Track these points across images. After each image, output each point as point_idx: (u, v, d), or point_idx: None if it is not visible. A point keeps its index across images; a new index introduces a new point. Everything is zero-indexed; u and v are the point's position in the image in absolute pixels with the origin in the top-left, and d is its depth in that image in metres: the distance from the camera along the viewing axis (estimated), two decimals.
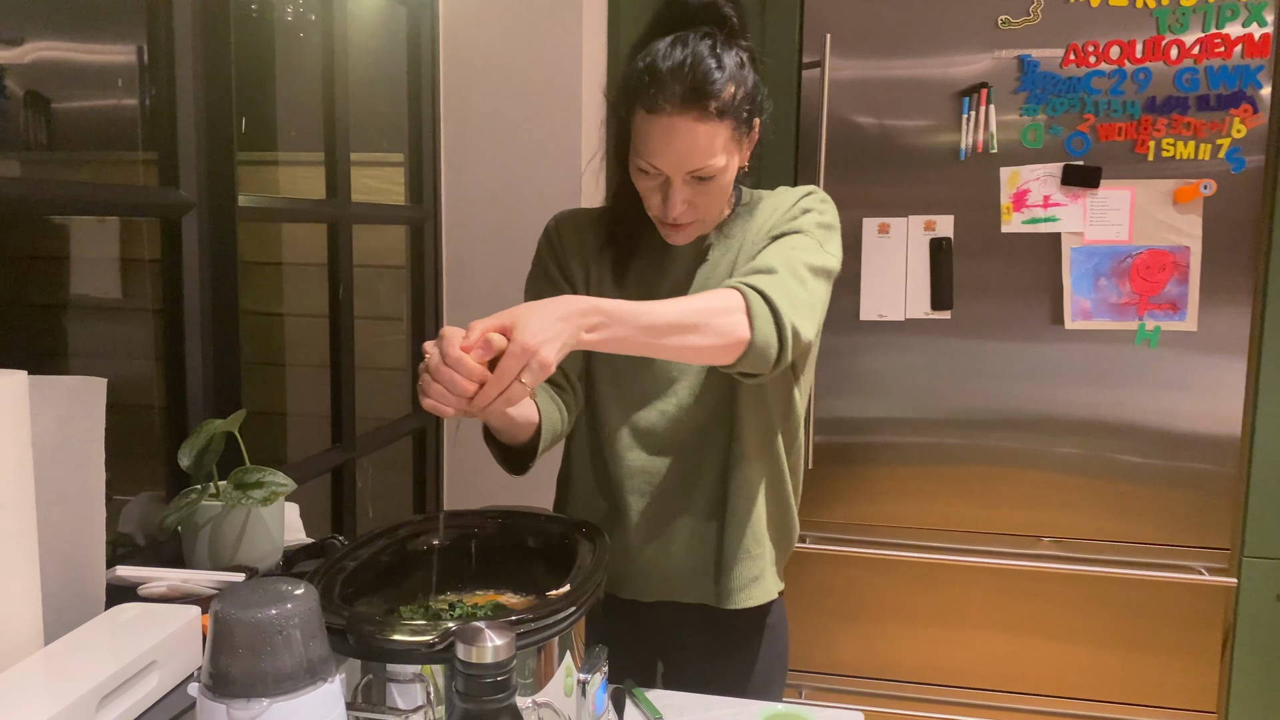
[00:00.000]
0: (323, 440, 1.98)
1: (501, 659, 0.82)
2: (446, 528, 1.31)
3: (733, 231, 1.43)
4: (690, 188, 1.29)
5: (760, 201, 1.45)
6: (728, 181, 1.32)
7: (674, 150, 1.26)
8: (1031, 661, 2.37)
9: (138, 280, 1.66)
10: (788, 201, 1.42)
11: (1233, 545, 2.26)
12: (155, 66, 1.45)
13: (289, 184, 2.16)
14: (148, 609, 1.01)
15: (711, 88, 1.24)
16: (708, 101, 1.24)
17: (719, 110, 1.25)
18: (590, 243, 1.48)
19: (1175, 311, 2.20)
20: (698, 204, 1.32)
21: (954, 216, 2.29)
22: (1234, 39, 2.12)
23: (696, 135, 1.25)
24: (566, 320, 1.07)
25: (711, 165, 1.27)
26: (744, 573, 1.44)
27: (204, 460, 1.27)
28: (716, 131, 1.26)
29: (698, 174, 1.28)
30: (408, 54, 2.26)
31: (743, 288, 1.21)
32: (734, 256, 1.42)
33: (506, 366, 1.03)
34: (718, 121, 1.25)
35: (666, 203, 1.30)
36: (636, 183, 1.34)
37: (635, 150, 1.31)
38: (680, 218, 1.32)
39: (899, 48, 2.29)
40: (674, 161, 1.27)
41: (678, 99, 1.23)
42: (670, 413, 1.42)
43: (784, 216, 1.39)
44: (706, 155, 1.26)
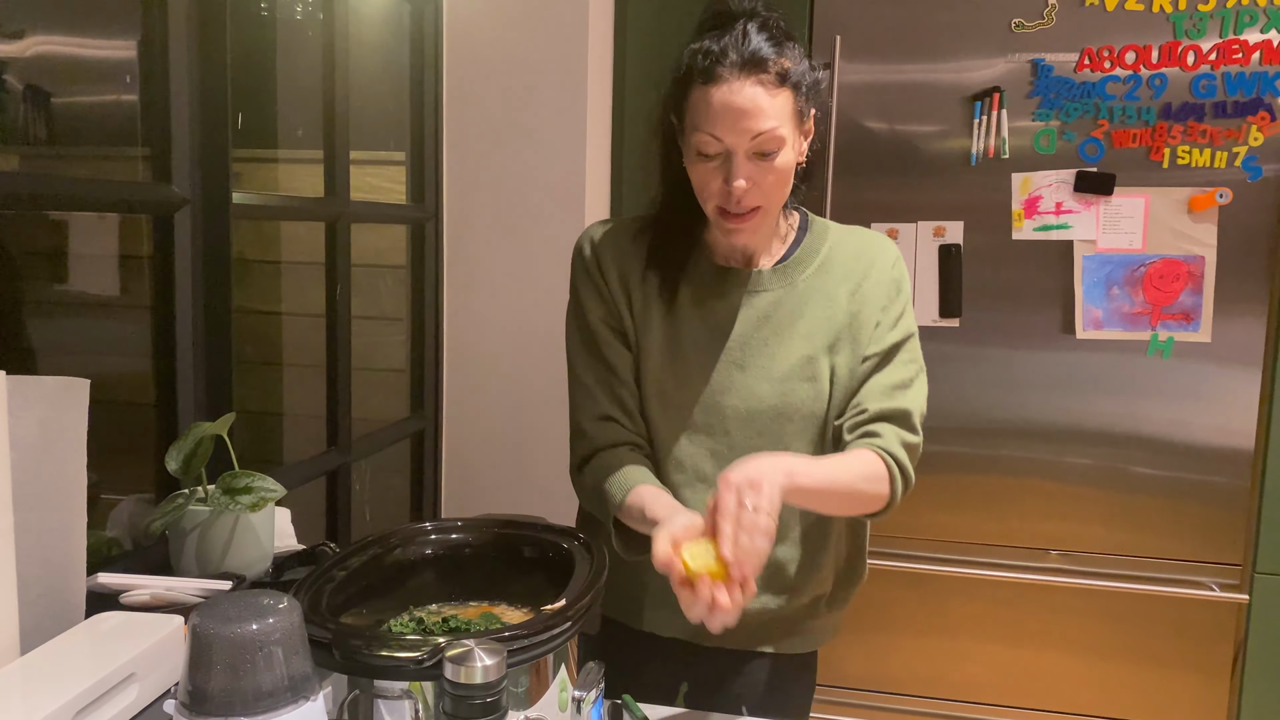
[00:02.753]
0: (318, 443, 1.95)
1: (491, 680, 0.79)
2: (440, 535, 1.28)
3: (799, 276, 1.37)
4: (753, 164, 1.23)
5: (830, 246, 1.39)
6: (788, 166, 1.26)
7: (736, 114, 1.21)
8: (1038, 676, 2.34)
9: (131, 277, 1.63)
10: (885, 282, 1.36)
11: (1244, 561, 2.22)
12: (149, 60, 1.43)
13: (290, 182, 2.13)
14: (129, 618, 0.98)
15: (769, 53, 1.21)
16: (767, 65, 1.21)
17: (779, 75, 1.22)
18: (632, 263, 1.40)
19: (1189, 322, 2.17)
20: (761, 185, 1.24)
21: (964, 222, 2.26)
22: (1252, 45, 2.09)
23: (759, 98, 1.20)
24: (773, 473, 1.12)
25: (775, 134, 1.21)
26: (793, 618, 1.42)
27: (192, 464, 1.24)
28: (776, 97, 1.22)
29: (760, 146, 1.22)
30: (411, 51, 2.23)
31: (889, 460, 1.27)
32: (807, 309, 1.35)
33: (725, 500, 1.09)
34: (778, 87, 1.22)
35: (730, 180, 1.23)
36: (695, 172, 1.28)
37: (694, 128, 1.24)
38: (744, 200, 1.25)
39: (910, 50, 2.25)
40: (737, 127, 1.21)
41: (737, 66, 1.21)
42: (721, 452, 1.36)
43: (888, 304, 1.35)
44: (768, 119, 1.21)
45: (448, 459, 2.39)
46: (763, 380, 1.35)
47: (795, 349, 1.35)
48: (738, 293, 1.37)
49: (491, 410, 2.34)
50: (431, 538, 1.27)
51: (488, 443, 2.35)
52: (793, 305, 1.36)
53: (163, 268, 1.44)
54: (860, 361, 1.34)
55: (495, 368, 2.33)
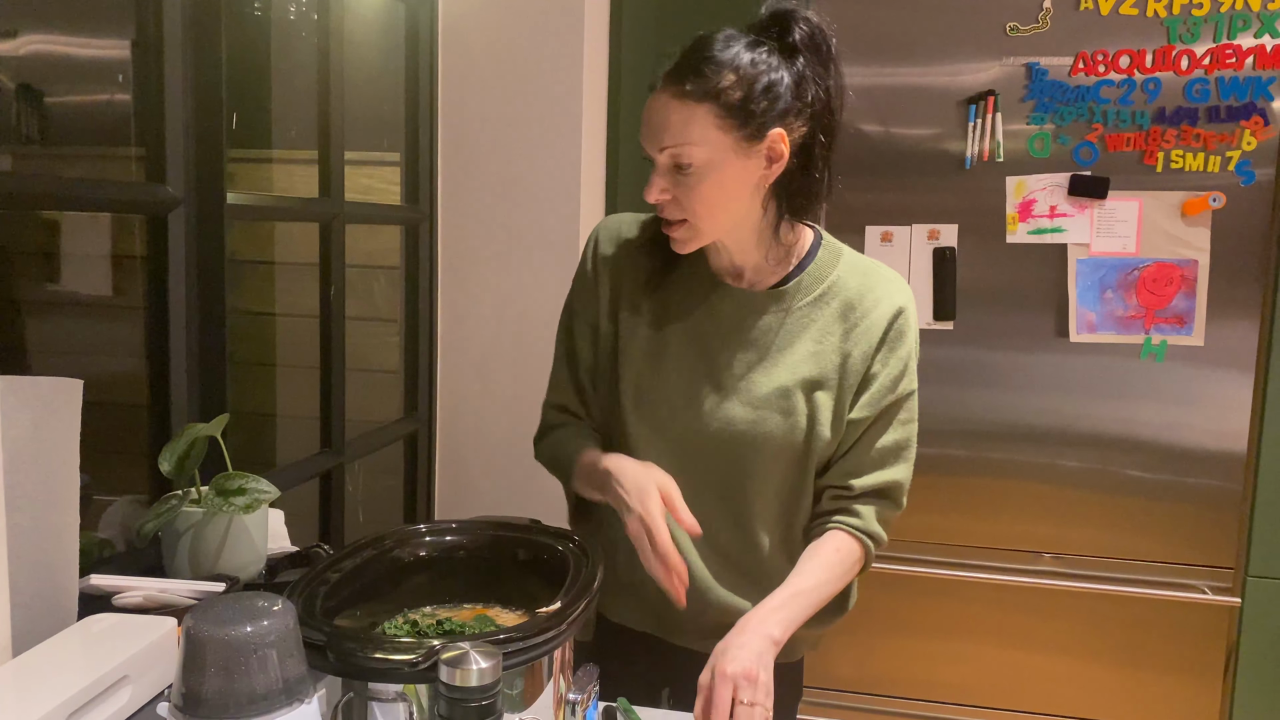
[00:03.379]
0: (312, 444, 1.95)
1: (487, 682, 0.79)
2: (434, 537, 1.27)
3: (796, 303, 1.33)
4: (669, 177, 1.23)
5: (837, 276, 1.34)
6: (719, 184, 1.22)
7: (649, 125, 1.23)
8: (1031, 678, 2.34)
9: (124, 277, 1.62)
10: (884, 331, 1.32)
11: (1237, 564, 2.23)
12: (143, 60, 1.42)
13: (285, 183, 2.13)
14: (122, 620, 0.98)
15: (696, 67, 1.19)
16: (687, 78, 1.19)
17: (698, 93, 1.19)
18: (634, 262, 1.40)
19: (1182, 325, 2.17)
20: (681, 201, 1.23)
21: (958, 226, 2.26)
22: (1245, 50, 2.09)
23: (669, 111, 1.20)
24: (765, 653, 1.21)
25: (686, 150, 1.20)
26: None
27: (185, 465, 1.23)
28: (692, 113, 1.19)
29: (673, 159, 1.21)
30: (406, 52, 2.23)
31: (864, 541, 1.33)
32: (797, 340, 1.33)
33: (720, 696, 1.16)
34: (695, 102, 1.19)
35: (648, 187, 1.24)
36: None
37: None
38: (665, 210, 1.25)
39: (905, 53, 2.25)
40: (649, 136, 1.23)
41: (663, 77, 1.22)
42: (689, 469, 1.35)
43: (887, 358, 1.32)
44: (677, 136, 1.19)
45: (441, 461, 2.38)
46: (737, 405, 1.32)
47: (776, 378, 1.32)
48: (729, 309, 1.35)
49: (485, 412, 2.33)
50: (426, 540, 1.26)
51: (481, 445, 2.34)
52: (783, 333, 1.33)
53: (156, 268, 1.43)
54: (848, 410, 1.32)
55: (489, 369, 2.33)
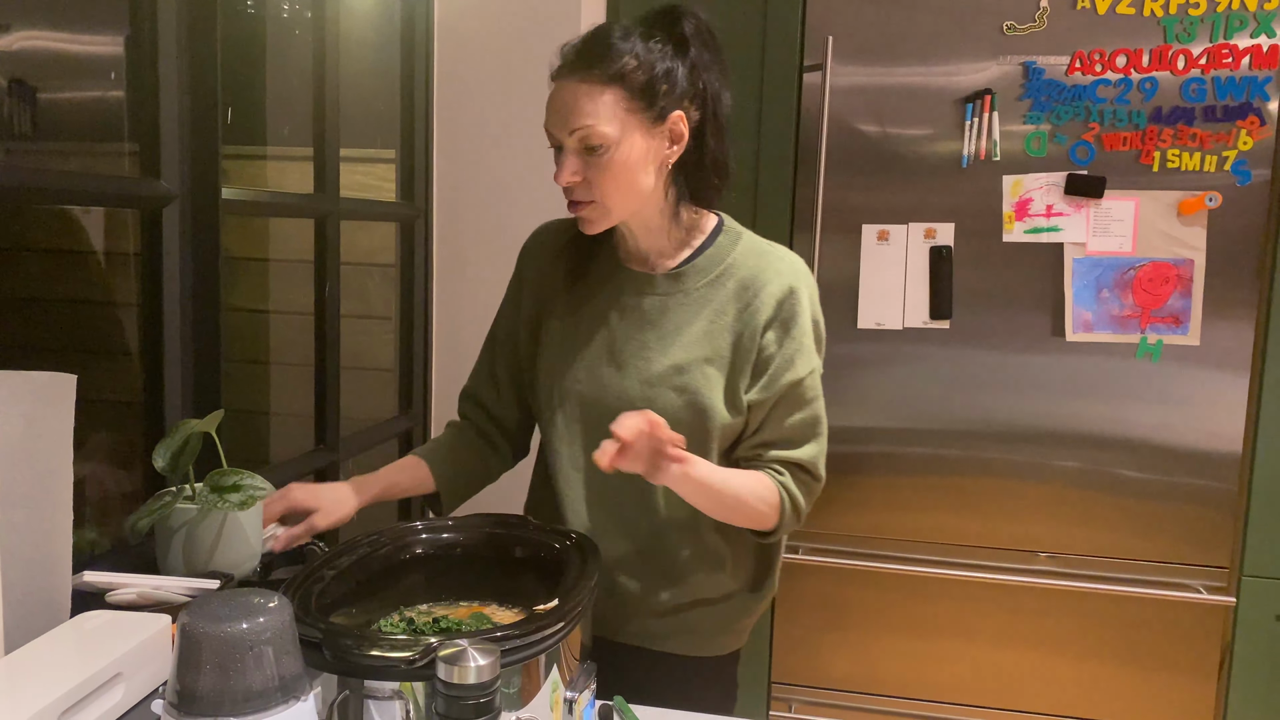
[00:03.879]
0: (306, 441, 1.94)
1: (485, 680, 0.78)
2: (431, 534, 1.27)
3: (694, 284, 1.40)
4: (580, 159, 1.29)
5: (734, 258, 1.41)
6: (627, 163, 1.29)
7: (557, 109, 1.29)
8: (1026, 678, 2.34)
9: (118, 273, 1.61)
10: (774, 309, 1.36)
11: (1232, 564, 2.23)
12: (138, 54, 1.41)
13: (279, 180, 2.12)
14: (115, 617, 0.97)
15: (600, 53, 1.27)
16: (593, 63, 1.27)
17: (605, 76, 1.27)
18: (552, 260, 1.50)
19: (1178, 325, 2.17)
20: (592, 181, 1.30)
21: (955, 225, 2.25)
22: (1242, 50, 2.09)
23: (578, 94, 1.27)
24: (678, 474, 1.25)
25: (595, 130, 1.26)
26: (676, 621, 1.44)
27: (180, 461, 1.23)
28: (600, 95, 1.27)
29: (583, 140, 1.28)
30: (402, 48, 2.22)
31: (783, 492, 1.35)
32: (694, 319, 1.38)
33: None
34: (602, 85, 1.27)
35: (558, 171, 1.30)
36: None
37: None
38: (575, 191, 1.31)
39: (902, 52, 2.25)
40: (558, 121, 1.29)
41: (569, 65, 1.29)
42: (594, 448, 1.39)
43: (782, 338, 1.36)
44: (587, 116, 1.26)
45: None
46: (635, 382, 1.38)
47: (671, 356, 1.37)
48: (631, 293, 1.42)
49: None
50: (422, 537, 1.26)
51: None
52: (680, 313, 1.39)
53: (151, 264, 1.42)
54: (743, 388, 1.37)
55: None
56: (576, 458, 1.43)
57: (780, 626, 2.43)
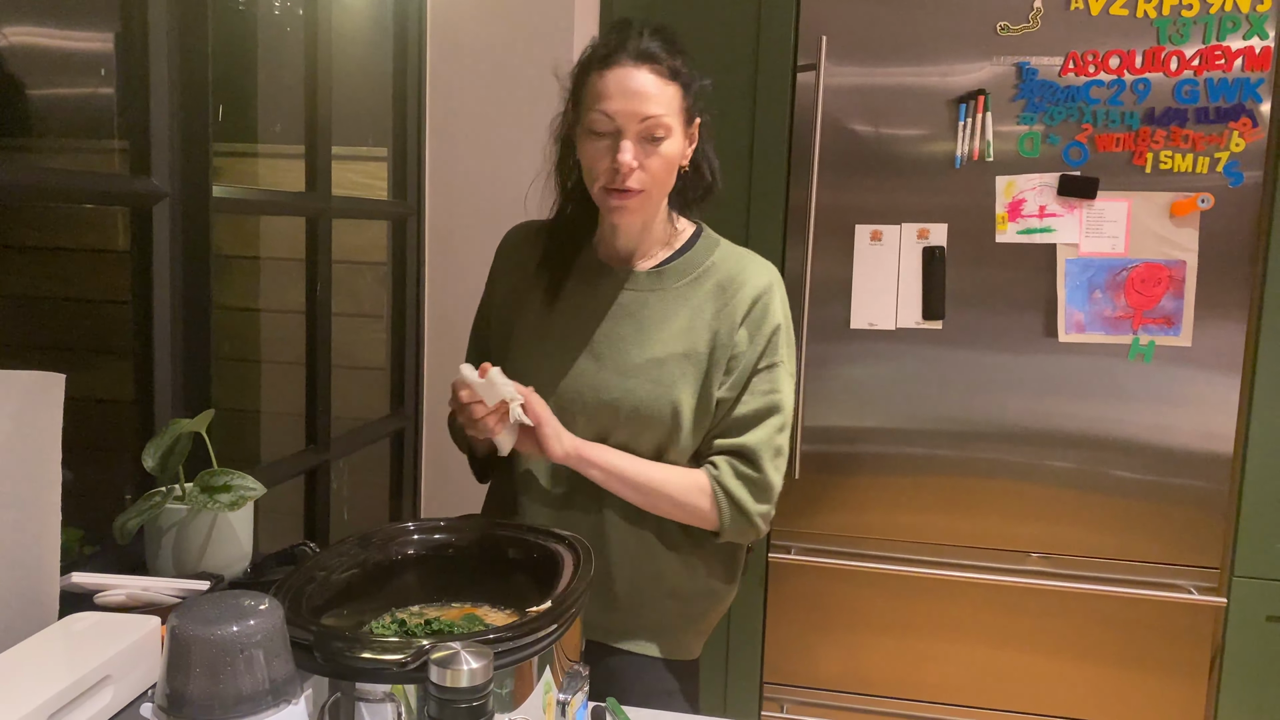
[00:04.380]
0: (297, 441, 1.93)
1: (478, 683, 0.78)
2: (423, 535, 1.26)
3: (674, 283, 1.43)
4: (639, 147, 1.31)
5: (713, 261, 1.44)
6: (674, 157, 1.34)
7: (628, 93, 1.29)
8: (1018, 678, 2.34)
9: (108, 271, 1.60)
10: (747, 310, 1.40)
11: (1223, 565, 2.23)
12: (128, 50, 1.40)
13: (270, 178, 2.11)
14: (104, 619, 0.96)
15: (667, 49, 1.32)
16: (660, 59, 1.31)
17: (671, 71, 1.31)
18: (528, 258, 1.51)
19: (1170, 326, 2.17)
20: (647, 168, 1.32)
21: (948, 225, 2.25)
22: (1234, 51, 2.10)
23: (651, 84, 1.30)
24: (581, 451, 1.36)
25: (662, 119, 1.30)
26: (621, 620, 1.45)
27: (169, 461, 1.22)
28: (667, 88, 1.31)
29: (648, 130, 1.30)
30: (394, 46, 2.21)
31: (715, 486, 1.38)
32: (672, 317, 1.41)
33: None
34: (670, 81, 1.31)
35: (618, 154, 1.30)
36: (585, 153, 1.35)
37: (588, 107, 1.32)
38: (630, 178, 1.31)
39: (896, 52, 2.25)
40: (627, 106, 1.29)
41: (632, 55, 1.30)
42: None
43: (752, 338, 1.39)
44: (660, 106, 1.30)
45: (428, 458, 2.36)
46: (612, 374, 1.40)
47: (649, 350, 1.40)
48: (610, 289, 1.44)
49: None
50: (414, 538, 1.25)
51: None
52: (659, 309, 1.42)
53: (141, 262, 1.41)
54: (716, 386, 1.39)
55: None
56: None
57: (772, 627, 2.43)
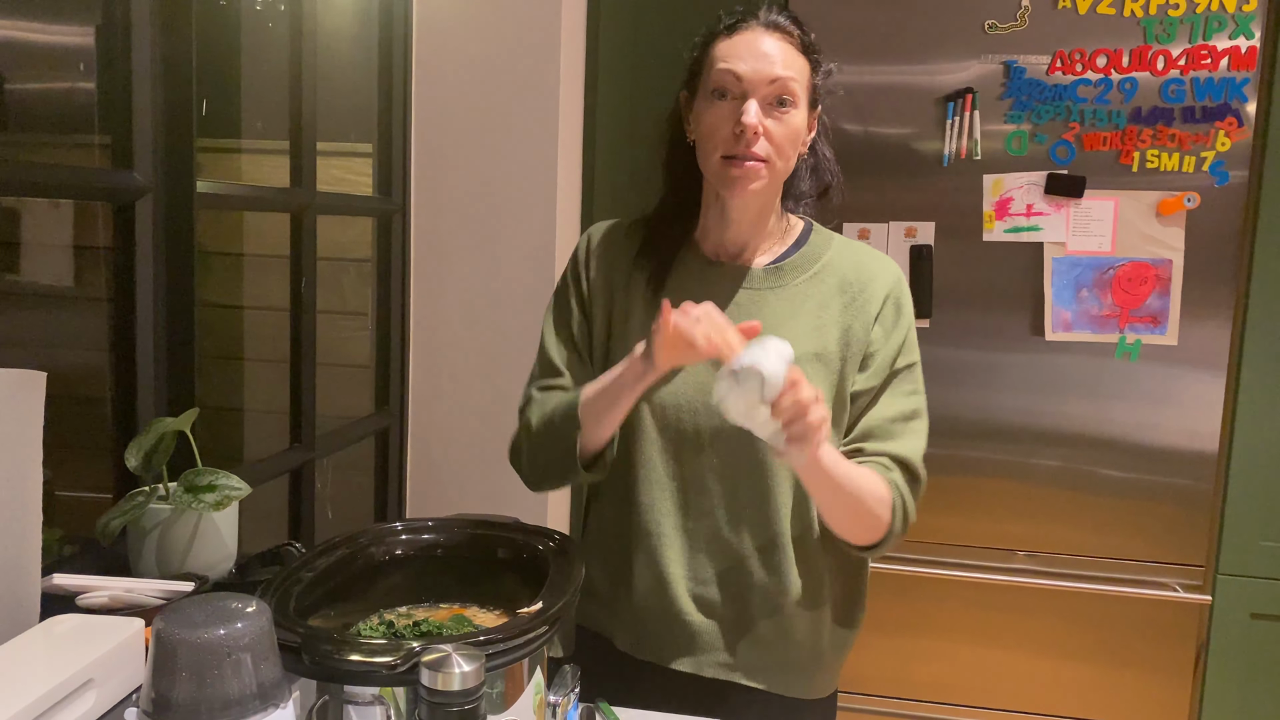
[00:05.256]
0: (281, 439, 1.91)
1: (470, 686, 0.77)
2: (411, 535, 1.24)
3: (793, 279, 1.33)
4: (766, 112, 1.24)
5: (831, 255, 1.35)
6: (799, 128, 1.27)
7: (758, 55, 1.23)
8: (1004, 675, 2.34)
9: (88, 267, 1.58)
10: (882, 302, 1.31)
11: (1207, 562, 2.24)
12: (110, 44, 1.38)
13: (254, 173, 2.09)
14: (86, 621, 0.95)
15: (796, 25, 1.28)
16: (792, 30, 1.27)
17: (803, 44, 1.27)
18: (622, 255, 1.39)
19: (1156, 325, 2.18)
20: (772, 137, 1.24)
21: (935, 224, 2.26)
22: (1220, 51, 2.10)
23: (782, 48, 1.24)
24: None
25: (791, 82, 1.23)
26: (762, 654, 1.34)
27: (153, 461, 1.20)
28: (797, 57, 1.26)
29: (777, 92, 1.23)
30: (379, 40, 2.19)
31: (894, 491, 1.25)
32: (797, 315, 1.31)
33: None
34: (800, 52, 1.26)
35: (743, 117, 1.22)
36: (707, 118, 1.27)
37: (713, 66, 1.26)
38: (755, 145, 1.23)
39: (884, 51, 2.25)
40: (759, 66, 1.23)
41: (762, 23, 1.26)
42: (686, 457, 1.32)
43: (890, 330, 1.31)
44: (790, 69, 1.24)
45: (413, 457, 2.35)
46: None
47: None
48: (725, 287, 1.33)
49: (459, 407, 2.30)
50: (402, 538, 1.24)
51: (455, 441, 2.31)
52: (781, 307, 1.32)
53: (123, 258, 1.39)
54: (850, 383, 1.30)
55: (463, 364, 2.30)
56: (668, 466, 1.32)
57: None
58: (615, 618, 1.39)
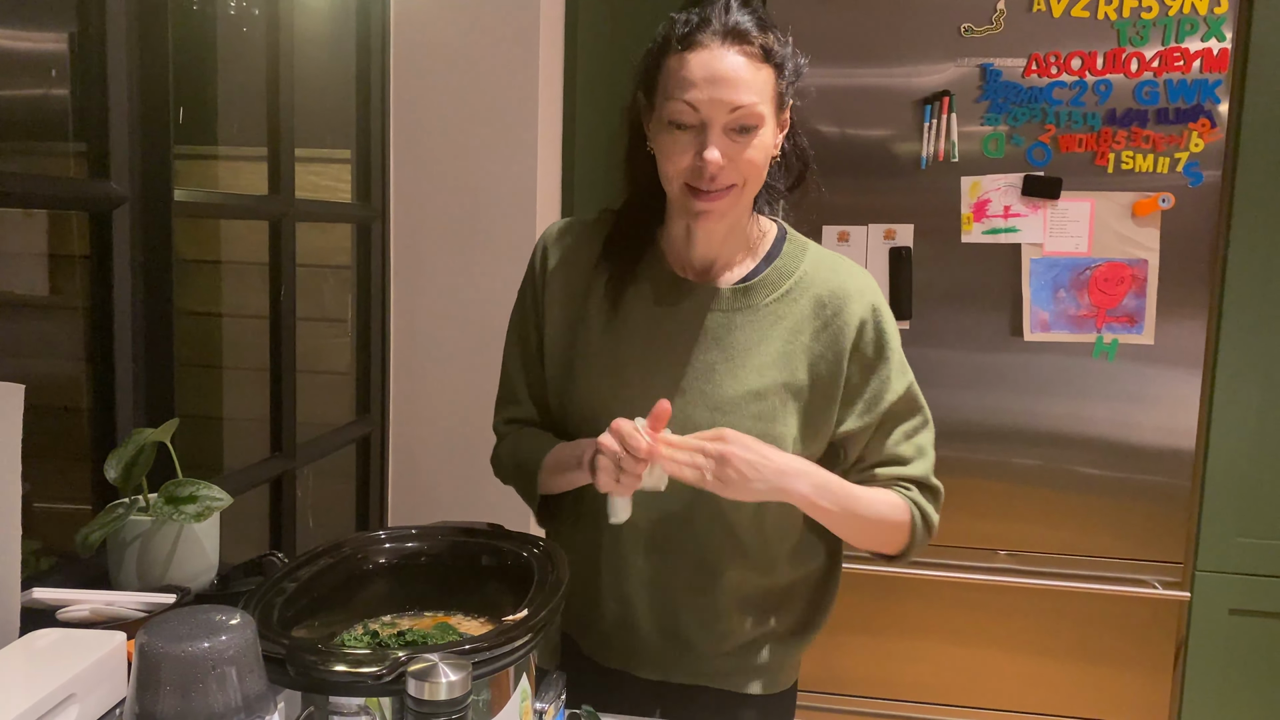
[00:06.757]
0: (261, 448, 1.89)
1: (456, 695, 0.76)
2: (394, 544, 1.24)
3: (763, 299, 1.26)
4: (729, 139, 1.15)
5: (805, 270, 1.28)
6: (767, 148, 1.19)
7: (715, 81, 1.13)
8: (985, 675, 2.35)
9: (64, 276, 1.57)
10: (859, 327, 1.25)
11: (1186, 559, 2.26)
12: (86, 52, 1.37)
13: (231, 180, 2.07)
14: (67, 635, 0.94)
15: (757, 25, 1.16)
16: (750, 37, 1.15)
17: (764, 50, 1.16)
18: (583, 257, 1.32)
19: (1133, 324, 2.20)
20: (737, 163, 1.16)
21: (914, 225, 2.27)
22: (1193, 53, 2.13)
23: (741, 68, 1.14)
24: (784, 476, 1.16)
25: (754, 107, 1.14)
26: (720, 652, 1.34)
27: (133, 472, 1.19)
28: (759, 71, 1.15)
29: (739, 120, 1.14)
30: (357, 45, 2.18)
31: (913, 510, 1.26)
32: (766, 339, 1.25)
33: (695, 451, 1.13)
34: (762, 62, 1.16)
35: (704, 151, 1.14)
36: (662, 145, 1.18)
37: (667, 96, 1.16)
38: (719, 177, 1.15)
39: (861, 54, 2.26)
40: (716, 94, 1.13)
41: (719, 34, 1.15)
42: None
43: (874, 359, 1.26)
44: (751, 92, 1.14)
45: (395, 464, 2.34)
46: (703, 409, 1.24)
47: (744, 380, 1.24)
48: (690, 308, 1.27)
49: (440, 414, 2.30)
50: (385, 546, 1.23)
51: (436, 447, 2.31)
52: (750, 332, 1.26)
53: (100, 267, 1.38)
54: (831, 415, 1.26)
55: (444, 369, 2.29)
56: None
57: None
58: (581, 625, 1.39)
